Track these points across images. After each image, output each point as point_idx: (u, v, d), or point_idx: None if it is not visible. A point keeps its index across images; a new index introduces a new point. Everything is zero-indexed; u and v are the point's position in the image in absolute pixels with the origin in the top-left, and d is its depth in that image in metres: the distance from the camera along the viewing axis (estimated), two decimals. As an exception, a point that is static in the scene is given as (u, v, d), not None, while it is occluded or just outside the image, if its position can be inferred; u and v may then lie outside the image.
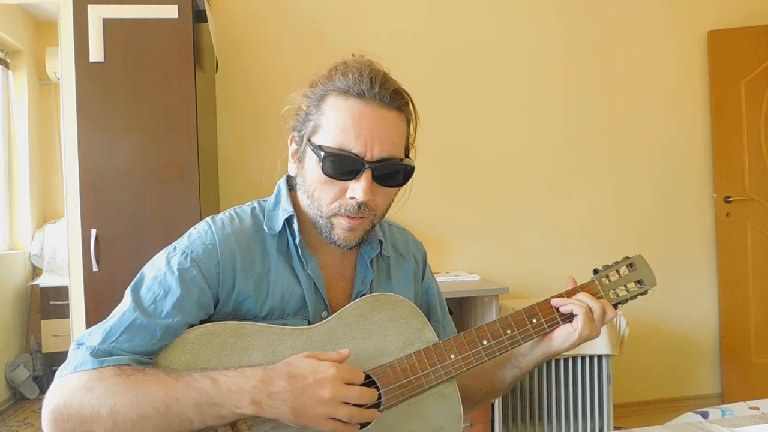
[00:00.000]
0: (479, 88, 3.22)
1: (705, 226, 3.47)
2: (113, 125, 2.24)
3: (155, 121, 2.25)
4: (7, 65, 3.03)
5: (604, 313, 1.08)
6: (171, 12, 2.25)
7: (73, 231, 2.25)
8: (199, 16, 2.41)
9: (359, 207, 0.97)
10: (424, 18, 3.16)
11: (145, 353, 0.93)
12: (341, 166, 0.95)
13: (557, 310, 1.09)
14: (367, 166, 0.95)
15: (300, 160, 1.01)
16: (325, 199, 0.99)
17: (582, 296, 1.10)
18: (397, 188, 1.02)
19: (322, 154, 0.95)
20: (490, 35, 3.23)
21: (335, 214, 0.99)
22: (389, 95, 0.97)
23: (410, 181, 1.02)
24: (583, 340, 1.07)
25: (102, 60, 2.22)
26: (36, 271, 3.08)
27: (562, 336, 1.08)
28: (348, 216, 0.98)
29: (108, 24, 2.22)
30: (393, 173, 0.99)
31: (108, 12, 2.22)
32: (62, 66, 2.29)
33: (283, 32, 3.02)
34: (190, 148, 2.26)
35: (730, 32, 3.39)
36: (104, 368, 0.90)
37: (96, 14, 2.21)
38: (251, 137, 2.98)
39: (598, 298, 1.11)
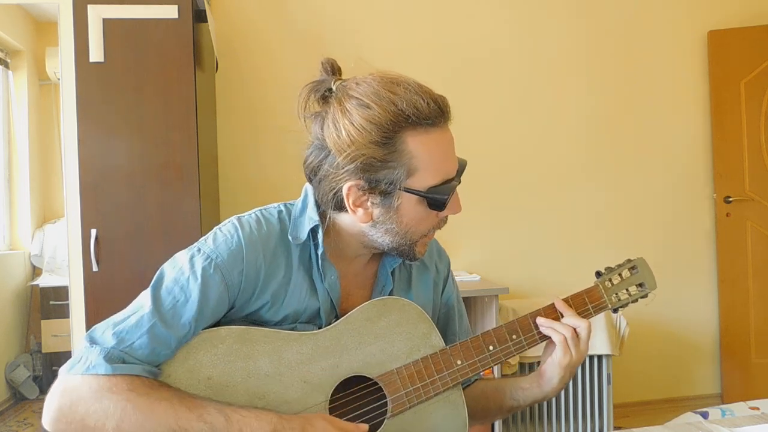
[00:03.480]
0: (479, 88, 3.22)
1: (705, 226, 3.47)
2: (113, 125, 2.24)
3: (155, 121, 2.25)
4: (7, 65, 3.03)
5: (576, 335, 1.05)
6: (171, 12, 2.25)
7: (73, 231, 2.24)
8: (199, 16, 2.41)
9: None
10: (421, 21, 3.16)
11: (156, 363, 0.92)
12: (448, 196, 0.96)
13: (560, 314, 1.08)
14: (456, 183, 0.98)
15: (390, 208, 0.96)
16: (423, 229, 0.99)
17: (555, 324, 1.06)
18: None
19: (443, 197, 0.95)
20: (488, 36, 3.23)
21: (425, 236, 1.01)
22: (450, 112, 0.97)
23: None
24: (569, 367, 1.04)
25: (102, 60, 2.22)
26: (36, 271, 3.08)
27: (550, 372, 1.06)
28: (431, 234, 1.02)
29: (108, 24, 2.22)
30: (460, 176, 1.01)
31: (108, 12, 2.22)
32: (62, 66, 2.28)
33: (283, 32, 3.02)
34: (190, 148, 2.26)
35: (730, 32, 3.39)
36: (116, 377, 0.88)
37: (96, 14, 2.21)
38: (251, 137, 2.98)
39: (582, 311, 1.09)
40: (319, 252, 1.01)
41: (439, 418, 1.02)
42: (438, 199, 0.95)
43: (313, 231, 1.02)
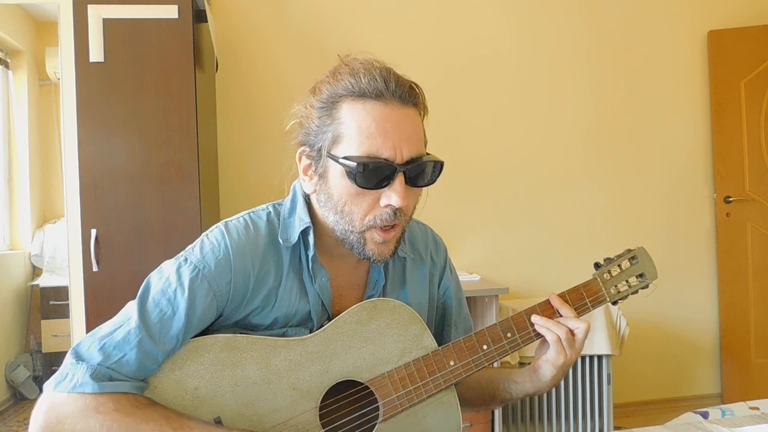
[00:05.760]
0: (479, 88, 3.22)
1: (705, 226, 3.47)
2: (113, 125, 2.24)
3: (155, 121, 2.25)
4: (7, 65, 3.03)
5: (572, 335, 1.03)
6: (171, 12, 2.24)
7: (73, 231, 2.24)
8: (199, 16, 2.40)
9: (395, 214, 0.93)
10: (421, 22, 3.15)
11: (143, 377, 0.92)
12: (374, 174, 0.90)
13: (557, 312, 1.06)
14: (399, 169, 0.91)
15: (321, 176, 0.95)
16: (357, 212, 0.94)
17: (549, 323, 1.03)
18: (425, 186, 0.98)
19: (353, 164, 0.89)
20: (489, 36, 3.23)
21: (369, 228, 0.94)
22: (407, 92, 0.93)
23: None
24: (562, 366, 1.03)
25: (102, 60, 2.22)
26: (36, 271, 3.08)
27: (543, 369, 1.05)
28: (382, 228, 0.94)
29: (108, 24, 2.22)
30: (424, 172, 0.94)
31: (108, 12, 2.21)
32: (62, 66, 2.28)
33: (283, 32, 3.01)
34: (190, 148, 2.25)
35: (730, 32, 3.39)
36: (103, 396, 0.87)
37: (96, 14, 2.21)
38: (251, 137, 2.98)
39: (579, 305, 1.07)
40: (310, 254, 1.00)
41: (433, 420, 1.01)
42: (353, 171, 0.89)
43: (304, 233, 1.00)
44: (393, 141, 0.91)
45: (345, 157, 0.91)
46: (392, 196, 0.92)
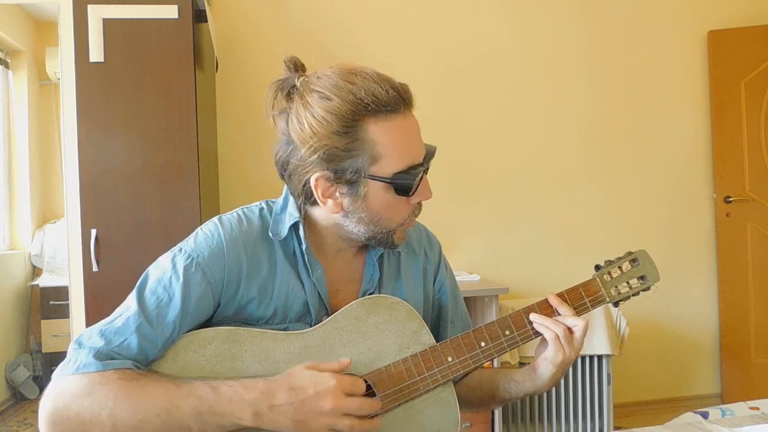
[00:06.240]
0: (479, 88, 3.22)
1: (705, 226, 3.47)
2: (113, 125, 2.24)
3: (155, 121, 2.25)
4: (7, 65, 3.03)
5: (570, 333, 1.04)
6: (171, 12, 2.25)
7: (73, 231, 2.25)
8: (199, 16, 2.41)
9: (420, 205, 1.02)
10: (421, 22, 3.15)
11: (145, 362, 0.93)
12: (414, 182, 0.96)
13: (556, 310, 1.06)
14: (424, 168, 0.98)
15: (362, 197, 0.96)
16: (396, 218, 1.00)
17: (547, 321, 1.04)
18: None
19: (409, 180, 0.95)
20: (489, 36, 3.23)
21: (402, 224, 1.01)
22: (411, 98, 0.97)
23: None
24: (561, 364, 1.03)
25: (102, 60, 2.22)
26: (36, 271, 3.09)
27: (542, 368, 1.05)
28: (409, 221, 1.02)
29: (108, 24, 2.22)
30: (429, 162, 1.01)
31: (108, 12, 2.22)
32: (62, 66, 2.29)
33: (284, 32, 3.02)
34: (190, 148, 2.26)
35: (730, 32, 3.39)
36: (107, 372, 0.89)
37: (96, 14, 2.21)
38: (251, 137, 2.98)
39: (578, 305, 1.07)
40: (303, 247, 1.02)
41: (431, 415, 1.02)
42: (404, 185, 0.96)
43: (295, 227, 1.03)
44: (417, 147, 0.98)
45: (396, 175, 0.95)
46: (424, 191, 0.99)
